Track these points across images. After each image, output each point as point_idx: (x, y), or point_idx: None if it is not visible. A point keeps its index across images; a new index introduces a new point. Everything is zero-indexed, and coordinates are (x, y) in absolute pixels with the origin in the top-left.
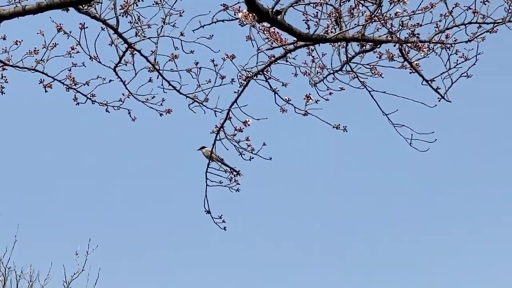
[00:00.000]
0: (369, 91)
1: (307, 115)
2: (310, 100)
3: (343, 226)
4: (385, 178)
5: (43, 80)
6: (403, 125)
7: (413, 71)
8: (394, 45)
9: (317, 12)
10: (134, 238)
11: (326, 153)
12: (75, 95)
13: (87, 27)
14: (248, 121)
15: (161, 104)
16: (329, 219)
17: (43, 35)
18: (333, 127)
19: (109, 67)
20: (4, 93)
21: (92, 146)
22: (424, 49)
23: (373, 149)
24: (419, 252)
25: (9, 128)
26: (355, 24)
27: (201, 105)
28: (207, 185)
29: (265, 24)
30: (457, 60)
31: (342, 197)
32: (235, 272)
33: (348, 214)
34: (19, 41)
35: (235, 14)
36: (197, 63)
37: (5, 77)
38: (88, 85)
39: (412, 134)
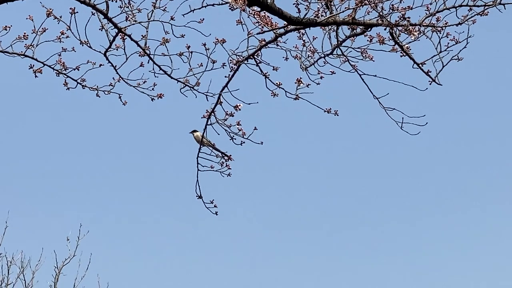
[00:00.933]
0: (360, 75)
1: (298, 99)
2: (301, 84)
3: (334, 211)
4: (377, 162)
5: (33, 65)
6: (394, 109)
7: (404, 54)
8: (385, 29)
9: None
10: (126, 223)
11: (318, 138)
12: (65, 80)
13: (77, 12)
14: (239, 105)
15: (153, 89)
16: (320, 204)
17: (32, 20)
18: (324, 111)
19: (100, 52)
20: None
21: (83, 131)
22: (415, 33)
23: (365, 133)
24: (412, 236)
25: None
26: (345, 8)
27: (192, 89)
28: (198, 170)
29: (255, 8)
30: (448, 43)
31: (333, 182)
32: (225, 258)
33: (339, 199)
34: (8, 27)
35: None
36: (188, 47)
37: None
38: (78, 70)
39: (403, 118)
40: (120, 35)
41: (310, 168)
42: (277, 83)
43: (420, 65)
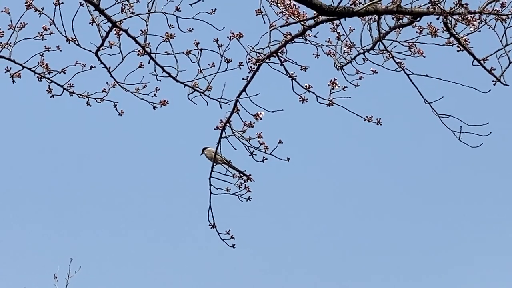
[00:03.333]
0: (408, 75)
1: (332, 105)
2: (336, 87)
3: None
4: (430, 178)
5: (10, 68)
6: (450, 116)
7: (462, 49)
8: (438, 18)
9: None
10: (125, 258)
11: (356, 152)
12: (49, 85)
13: (62, 3)
14: (260, 113)
15: (155, 95)
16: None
17: (8, 13)
18: (365, 119)
19: (90, 50)
20: None
21: (71, 147)
22: (475, 22)
23: (414, 145)
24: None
25: None
26: None
27: (202, 95)
28: (211, 193)
29: None
30: None
31: (376, 205)
32: None
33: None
34: None
35: None
36: (197, 44)
37: None
38: (64, 73)
39: (461, 126)
40: (115, 30)
41: (347, 187)
42: (306, 86)
43: (482, 62)
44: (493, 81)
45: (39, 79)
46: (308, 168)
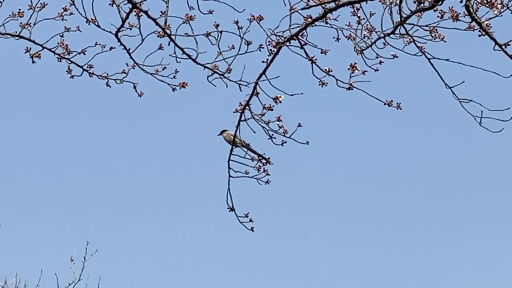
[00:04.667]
0: (429, 59)
1: (352, 89)
2: (356, 71)
3: (396, 221)
4: (450, 164)
5: (30, 48)
6: (471, 100)
7: (483, 33)
8: (460, 1)
9: None
10: (141, 241)
11: (375, 137)
12: (68, 66)
13: None
14: (280, 97)
15: (174, 77)
16: (377, 211)
17: None
18: (385, 103)
19: (110, 32)
20: None
21: (90, 129)
22: (497, 6)
23: (434, 130)
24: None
25: None
26: None
27: (222, 77)
28: (230, 176)
29: None
30: None
31: (395, 189)
32: (261, 281)
33: (402, 208)
34: (0, 2)
35: None
36: (217, 26)
37: None
38: (84, 54)
39: (482, 111)
40: (135, 11)
41: (365, 173)
42: (326, 70)
43: (503, 47)
44: None
45: (59, 60)
46: (327, 152)
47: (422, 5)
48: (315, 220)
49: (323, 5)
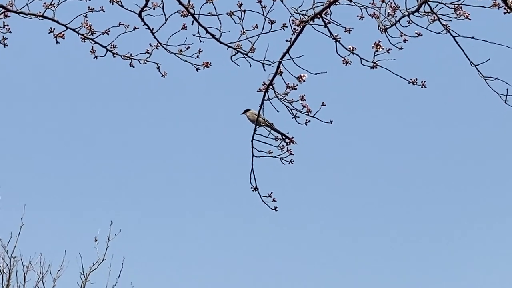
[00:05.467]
0: (454, 37)
1: (376, 67)
2: (380, 49)
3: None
4: (475, 140)
5: (54, 29)
6: (497, 78)
7: (508, 11)
8: None
9: None
10: (165, 220)
11: (400, 115)
12: (92, 46)
13: None
14: (303, 76)
15: (197, 56)
16: (401, 192)
17: None
18: (409, 82)
19: (134, 11)
20: (7, 45)
21: (114, 109)
22: None
23: (459, 108)
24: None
25: (14, 88)
26: None
27: (245, 56)
28: (253, 155)
29: None
30: None
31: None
32: (282, 259)
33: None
34: None
35: None
36: (240, 5)
37: (7, 25)
38: (108, 34)
39: (507, 89)
40: None
41: (390, 152)
42: (350, 48)
43: None
44: None
45: (83, 40)
46: (351, 131)
47: None
48: (339, 200)
49: None
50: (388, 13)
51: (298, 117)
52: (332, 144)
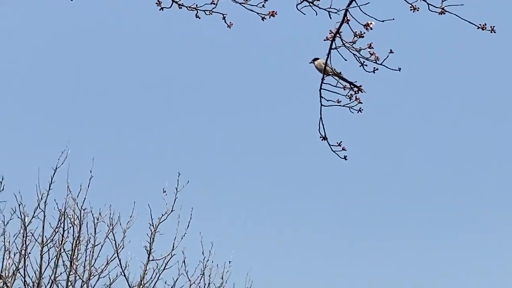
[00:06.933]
0: None
1: (444, 13)
2: None
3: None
4: None
5: None
6: None
7: None
8: None
9: None
10: (234, 171)
11: (470, 61)
12: None
13: None
14: (371, 23)
15: (263, 6)
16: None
17: None
18: (478, 27)
19: None
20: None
21: (181, 61)
22: None
23: None
24: None
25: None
26: None
27: (311, 4)
28: (321, 105)
29: None
30: None
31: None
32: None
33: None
34: None
35: None
36: None
37: None
38: None
39: None
40: None
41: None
42: None
43: None
44: None
45: None
46: (420, 78)
47: None
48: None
49: None
50: None
51: (366, 65)
52: (401, 92)
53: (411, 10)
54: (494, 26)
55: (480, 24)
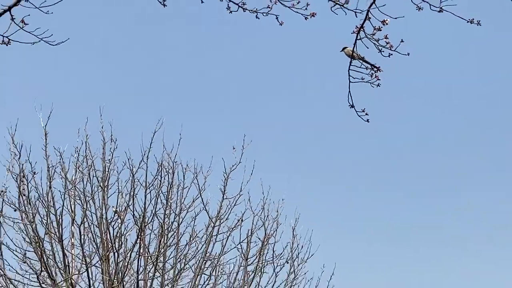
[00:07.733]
0: None
1: (442, 11)
2: None
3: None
4: None
5: None
6: None
7: None
8: None
9: None
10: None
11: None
12: (228, 4)
13: None
14: (387, 20)
15: (306, 8)
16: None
17: None
18: (467, 21)
19: None
20: None
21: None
22: None
23: None
24: None
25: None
26: None
27: (342, 7)
28: (350, 81)
29: None
30: None
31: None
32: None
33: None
34: None
35: None
36: None
37: None
38: None
39: None
40: None
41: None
42: None
43: None
44: None
45: (221, 0)
46: (426, 61)
47: None
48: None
49: None
50: None
51: (383, 51)
52: (411, 70)
53: (417, 9)
54: (479, 20)
55: (469, 19)
